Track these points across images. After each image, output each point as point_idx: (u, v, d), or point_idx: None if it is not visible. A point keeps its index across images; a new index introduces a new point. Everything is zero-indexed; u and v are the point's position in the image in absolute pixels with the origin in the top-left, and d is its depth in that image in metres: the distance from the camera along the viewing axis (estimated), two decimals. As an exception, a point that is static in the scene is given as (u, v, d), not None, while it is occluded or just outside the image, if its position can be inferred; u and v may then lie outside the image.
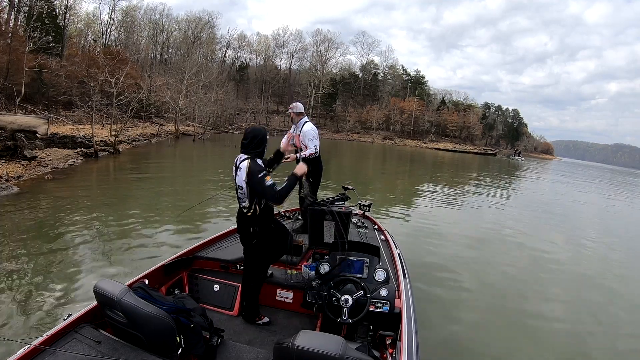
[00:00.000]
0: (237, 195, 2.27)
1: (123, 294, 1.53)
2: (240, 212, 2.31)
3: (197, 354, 1.78)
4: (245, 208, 2.23)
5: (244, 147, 2.23)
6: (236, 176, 2.22)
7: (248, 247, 2.35)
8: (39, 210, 5.32)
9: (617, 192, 20.90)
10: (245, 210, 2.24)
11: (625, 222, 10.65)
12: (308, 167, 3.55)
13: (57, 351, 1.46)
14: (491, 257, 5.45)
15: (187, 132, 26.10)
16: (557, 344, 3.17)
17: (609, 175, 43.11)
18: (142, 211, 5.91)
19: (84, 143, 11.75)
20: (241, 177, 2.17)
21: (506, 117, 69.10)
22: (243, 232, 2.32)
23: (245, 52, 55.04)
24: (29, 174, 7.63)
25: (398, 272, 2.57)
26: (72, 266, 3.66)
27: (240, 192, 2.23)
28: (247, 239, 2.32)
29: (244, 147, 2.23)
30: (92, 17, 38.03)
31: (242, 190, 2.21)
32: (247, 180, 2.14)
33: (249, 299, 2.37)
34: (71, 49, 26.61)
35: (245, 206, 2.23)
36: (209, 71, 32.58)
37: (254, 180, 2.12)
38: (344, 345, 1.23)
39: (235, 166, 2.23)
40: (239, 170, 2.18)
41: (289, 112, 3.75)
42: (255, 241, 2.29)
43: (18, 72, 15.78)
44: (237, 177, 2.21)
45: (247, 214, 2.23)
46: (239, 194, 2.26)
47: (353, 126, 54.30)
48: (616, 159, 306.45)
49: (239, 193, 2.25)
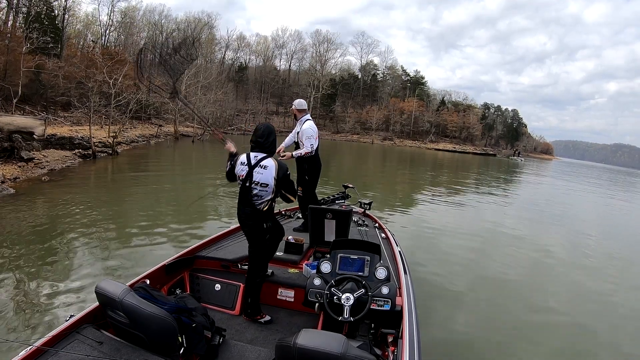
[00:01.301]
0: (253, 192, 2.22)
1: (124, 294, 1.53)
2: (250, 210, 2.25)
3: (199, 353, 1.78)
4: (263, 204, 2.24)
5: (259, 146, 2.23)
6: (253, 174, 2.20)
7: (258, 243, 2.35)
8: (36, 212, 5.30)
9: (617, 192, 20.96)
10: (261, 206, 2.24)
11: (626, 222, 10.68)
12: (303, 165, 3.64)
13: (60, 352, 1.46)
14: (492, 255, 5.46)
15: (186, 133, 26.09)
16: (557, 343, 3.17)
17: (609, 175, 43.22)
18: (141, 212, 5.91)
19: (82, 144, 11.67)
20: (269, 174, 2.19)
21: (506, 117, 69.24)
22: (254, 229, 2.30)
23: (244, 52, 55.10)
24: (25, 176, 7.56)
25: (399, 270, 2.57)
26: (73, 267, 3.65)
27: (262, 189, 2.21)
28: (259, 236, 2.32)
29: (260, 145, 2.23)
30: (91, 18, 38.02)
31: (265, 187, 2.21)
32: (277, 177, 2.19)
33: (254, 296, 2.37)
34: (70, 50, 26.57)
35: (264, 202, 2.24)
36: (208, 72, 32.57)
37: (286, 176, 2.22)
38: (345, 344, 1.23)
39: (249, 165, 2.21)
40: (264, 168, 2.19)
41: (292, 108, 3.80)
42: (268, 236, 2.34)
43: (15, 72, 15.75)
44: (257, 175, 2.20)
45: (262, 210, 2.24)
46: (258, 191, 2.22)
47: (352, 127, 54.34)
48: (615, 158, 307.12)
49: (258, 190, 2.21)
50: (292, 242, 2.98)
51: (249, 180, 2.21)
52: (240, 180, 2.27)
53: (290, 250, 2.95)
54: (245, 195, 2.25)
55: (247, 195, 2.24)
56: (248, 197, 2.24)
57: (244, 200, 2.26)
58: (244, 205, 2.28)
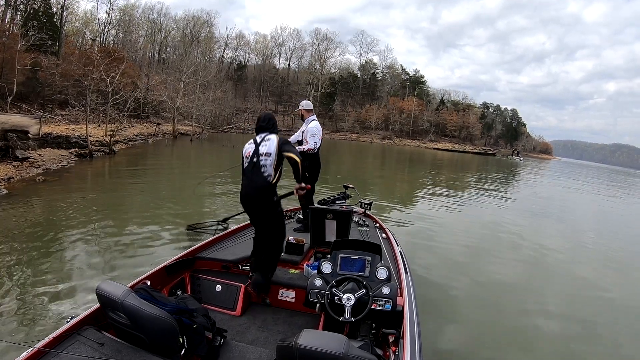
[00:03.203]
0: (261, 164, 2.45)
1: (125, 296, 1.52)
2: (261, 182, 2.44)
3: (199, 354, 1.78)
4: (270, 176, 2.46)
5: (263, 129, 2.56)
6: (260, 147, 2.47)
7: (268, 218, 2.55)
8: (31, 213, 5.19)
9: (616, 191, 21.03)
10: (270, 178, 2.46)
11: (626, 221, 10.72)
12: (305, 162, 3.69)
13: (61, 354, 1.46)
14: (493, 255, 5.47)
15: (185, 132, 25.98)
16: (558, 344, 3.18)
17: (609, 175, 43.35)
18: (139, 212, 5.86)
19: (78, 143, 11.51)
20: (272, 144, 2.45)
21: (505, 117, 69.34)
22: (263, 204, 2.49)
23: (243, 51, 54.94)
24: (19, 175, 7.38)
25: (400, 270, 2.57)
26: (72, 269, 3.62)
27: (267, 158, 2.45)
28: (270, 209, 2.52)
29: (264, 128, 2.56)
30: (89, 16, 37.83)
31: (269, 156, 2.45)
32: (278, 145, 2.44)
33: (264, 273, 2.52)
34: (68, 48, 26.41)
35: (270, 174, 2.45)
36: (207, 70, 32.44)
37: (286, 142, 2.50)
38: (346, 344, 1.23)
39: (255, 143, 2.51)
40: (267, 140, 2.48)
41: (300, 109, 3.88)
42: (279, 209, 2.58)
43: (12, 70, 15.57)
44: (262, 147, 2.47)
45: (271, 183, 2.46)
46: (264, 161, 2.45)
47: (352, 126, 54.30)
48: (614, 158, 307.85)
49: (264, 160, 2.45)
50: (293, 243, 2.97)
51: (256, 155, 2.47)
52: (247, 158, 2.51)
53: (291, 250, 2.94)
54: (253, 169, 2.47)
55: (255, 169, 2.47)
56: (257, 170, 2.46)
57: (253, 174, 2.47)
58: (252, 179, 2.47)
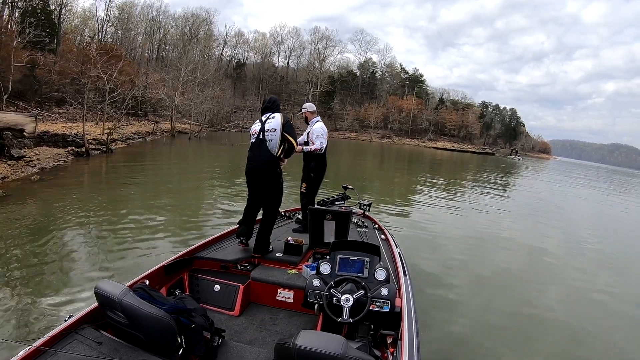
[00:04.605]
0: (267, 139, 2.73)
1: (124, 295, 1.52)
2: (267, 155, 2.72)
3: (198, 354, 1.77)
4: (274, 149, 2.74)
5: (268, 109, 2.87)
6: (265, 125, 2.76)
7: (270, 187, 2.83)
8: (26, 213, 5.14)
9: (616, 191, 21.13)
10: (275, 151, 2.74)
11: (625, 221, 10.77)
12: (311, 163, 3.69)
13: (58, 352, 1.46)
14: (491, 256, 5.48)
15: (183, 130, 25.93)
16: (557, 345, 3.18)
17: (608, 175, 43.47)
18: (137, 212, 5.81)
19: (75, 141, 11.40)
20: (276, 122, 2.76)
21: (504, 116, 69.47)
22: (268, 175, 2.77)
23: (242, 49, 54.81)
24: (14, 175, 7.29)
25: (398, 271, 2.57)
26: (71, 268, 3.61)
27: (272, 134, 2.75)
28: (273, 180, 2.80)
29: (269, 108, 2.87)
30: (88, 14, 37.62)
31: (274, 132, 2.75)
32: (282, 123, 2.74)
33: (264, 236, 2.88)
34: (66, 45, 26.24)
35: (274, 148, 2.74)
36: (205, 68, 32.34)
37: (288, 122, 2.78)
38: (345, 345, 1.23)
39: (261, 122, 2.81)
40: (272, 118, 2.78)
41: (303, 111, 3.85)
42: (281, 180, 2.86)
43: (7, 68, 15.40)
44: (268, 124, 2.76)
45: (275, 155, 2.75)
46: (269, 137, 2.74)
47: (351, 124, 54.29)
48: (613, 158, 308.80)
49: (270, 135, 2.74)
50: (292, 243, 2.97)
51: (262, 132, 2.75)
52: (254, 134, 2.79)
53: (289, 251, 2.94)
54: (260, 145, 2.74)
55: (262, 144, 2.74)
56: (263, 145, 2.74)
57: (260, 149, 2.74)
58: (259, 154, 2.74)
